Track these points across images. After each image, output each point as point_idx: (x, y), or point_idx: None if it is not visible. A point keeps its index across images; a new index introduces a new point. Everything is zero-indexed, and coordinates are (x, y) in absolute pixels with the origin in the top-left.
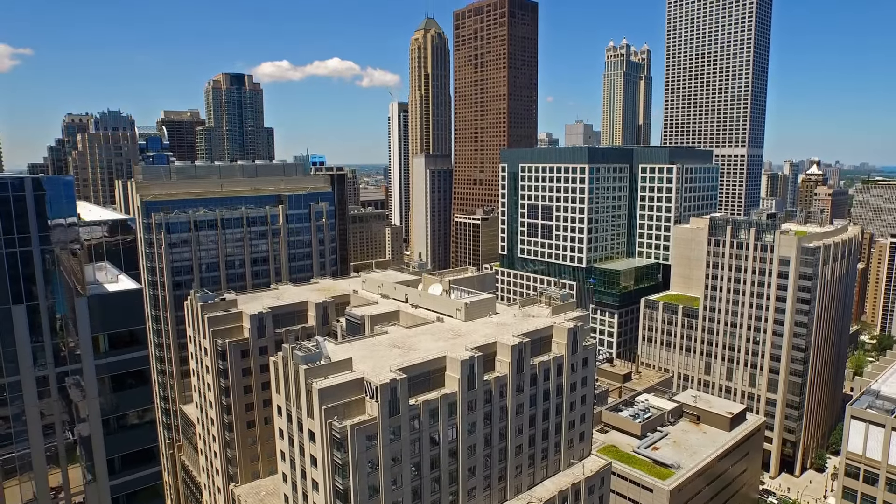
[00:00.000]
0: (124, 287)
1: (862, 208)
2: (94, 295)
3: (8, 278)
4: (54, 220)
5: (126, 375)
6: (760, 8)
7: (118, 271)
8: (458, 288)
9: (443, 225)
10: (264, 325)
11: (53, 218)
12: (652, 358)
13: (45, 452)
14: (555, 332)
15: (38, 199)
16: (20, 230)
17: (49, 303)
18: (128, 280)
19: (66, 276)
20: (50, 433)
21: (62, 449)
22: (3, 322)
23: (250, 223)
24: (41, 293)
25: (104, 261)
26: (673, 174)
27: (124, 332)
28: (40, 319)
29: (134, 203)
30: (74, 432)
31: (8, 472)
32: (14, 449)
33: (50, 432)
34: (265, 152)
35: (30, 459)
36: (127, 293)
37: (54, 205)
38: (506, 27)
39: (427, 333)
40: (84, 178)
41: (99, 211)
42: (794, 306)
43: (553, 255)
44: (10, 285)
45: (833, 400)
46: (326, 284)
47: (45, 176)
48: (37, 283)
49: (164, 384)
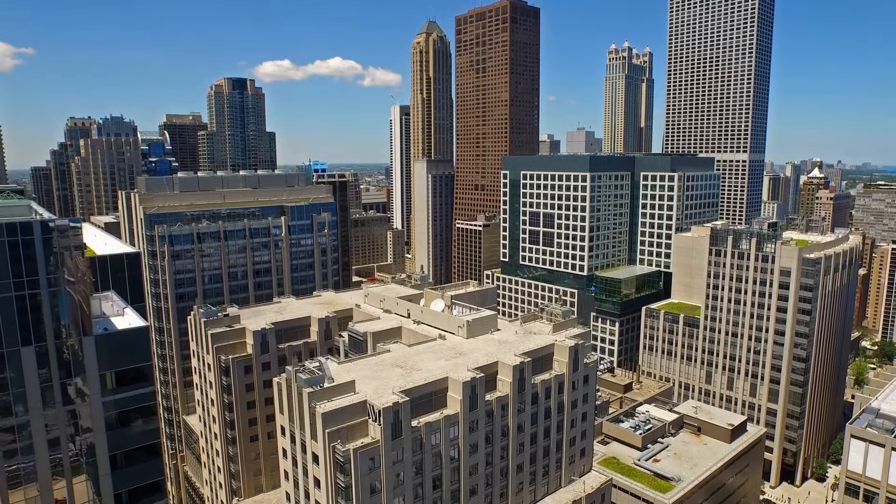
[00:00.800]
0: (131, 325)
1: (864, 212)
2: (101, 334)
3: (17, 321)
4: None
5: (132, 411)
6: (762, 13)
7: (124, 303)
8: (460, 304)
9: (444, 230)
10: (267, 341)
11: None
12: (653, 366)
13: (52, 485)
14: (556, 350)
15: (47, 241)
16: (29, 273)
17: (57, 344)
18: (134, 315)
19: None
20: (58, 469)
21: (69, 479)
22: (13, 364)
23: (253, 235)
24: (49, 335)
25: (110, 290)
26: (675, 182)
27: (131, 369)
28: (49, 360)
29: (137, 215)
30: (83, 467)
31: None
32: (23, 481)
33: (58, 469)
34: (267, 157)
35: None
36: (134, 331)
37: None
38: (507, 33)
39: (429, 352)
40: (87, 184)
41: (104, 237)
42: (794, 317)
43: (554, 262)
44: (20, 328)
45: (834, 408)
46: (329, 297)
47: (54, 219)
48: (45, 325)
49: (168, 395)
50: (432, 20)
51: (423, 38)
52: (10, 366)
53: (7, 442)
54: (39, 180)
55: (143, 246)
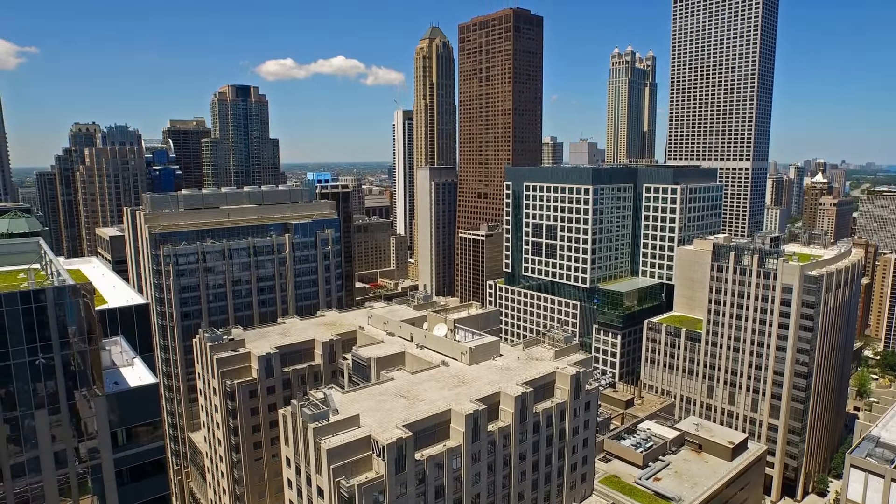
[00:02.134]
0: (141, 378)
1: (867, 219)
2: (112, 393)
3: (31, 385)
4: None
5: (143, 465)
6: (766, 21)
7: (133, 352)
8: (463, 328)
9: (447, 237)
10: (272, 366)
11: (72, 325)
12: (654, 380)
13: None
14: (558, 378)
15: (59, 306)
16: (42, 339)
17: (70, 405)
18: (143, 367)
19: (85, 378)
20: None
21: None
22: (27, 427)
23: (257, 252)
24: (63, 397)
25: (119, 335)
26: (677, 195)
27: (142, 426)
28: (63, 422)
29: (142, 234)
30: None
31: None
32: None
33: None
34: (270, 164)
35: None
36: (144, 389)
37: (74, 312)
38: (511, 41)
39: (432, 380)
40: (91, 193)
41: (112, 278)
42: (796, 334)
43: (557, 274)
44: (34, 392)
45: (836, 421)
46: (333, 318)
47: (66, 285)
48: (59, 388)
49: (173, 412)
50: (435, 26)
51: (427, 44)
52: (24, 429)
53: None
54: (44, 185)
55: (148, 265)
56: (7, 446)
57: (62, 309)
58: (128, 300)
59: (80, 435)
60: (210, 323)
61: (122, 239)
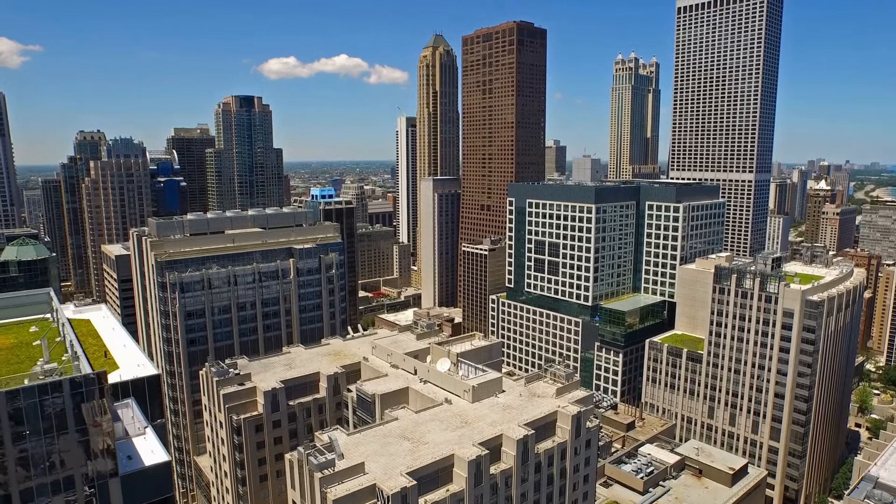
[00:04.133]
0: (155, 460)
1: (870, 229)
2: (126, 474)
3: (48, 472)
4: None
5: None
6: (769, 33)
7: (144, 420)
8: (465, 362)
9: (450, 248)
10: (278, 401)
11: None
12: (656, 399)
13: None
14: (559, 418)
15: (76, 395)
16: (59, 428)
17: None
18: (154, 439)
19: (100, 462)
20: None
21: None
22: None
23: (262, 278)
24: (79, 482)
25: (130, 397)
26: (680, 213)
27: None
28: None
29: (148, 260)
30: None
31: None
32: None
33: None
34: (274, 173)
35: None
36: (157, 468)
37: (89, 399)
38: (514, 54)
39: (435, 420)
40: (97, 205)
41: (122, 335)
42: (797, 357)
43: (559, 291)
44: (50, 479)
45: (837, 440)
46: (337, 347)
47: (80, 376)
48: (75, 473)
49: (179, 436)
50: (439, 34)
51: (430, 52)
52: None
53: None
54: (49, 192)
55: (154, 291)
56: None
57: (79, 397)
58: (139, 366)
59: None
60: (216, 349)
61: (127, 258)
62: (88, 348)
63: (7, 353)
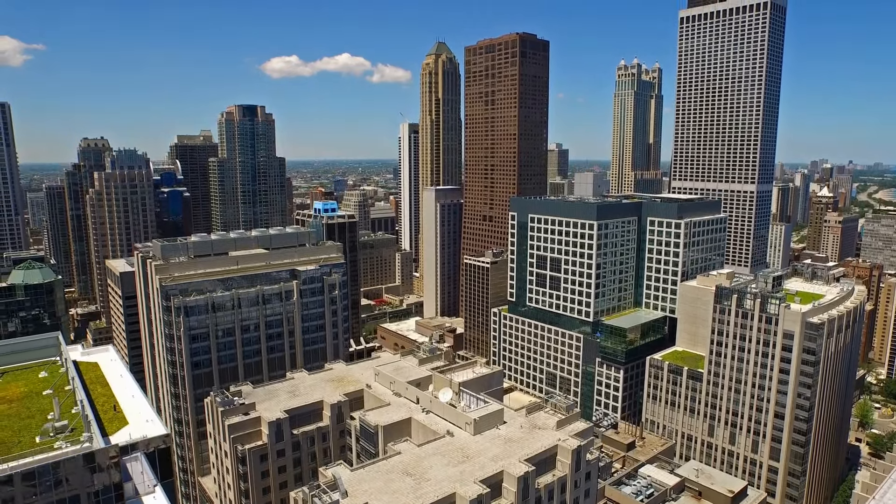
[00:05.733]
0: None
1: (872, 237)
2: None
3: None
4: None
5: None
6: (772, 45)
7: (154, 476)
8: (467, 392)
9: (453, 257)
10: (282, 430)
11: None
12: (657, 415)
13: None
14: (559, 452)
15: (91, 469)
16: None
17: None
18: (164, 500)
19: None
20: None
21: None
22: None
23: (265, 300)
24: None
25: (139, 450)
26: (681, 229)
27: None
28: None
29: (153, 284)
30: None
31: None
32: None
33: None
34: (277, 182)
35: None
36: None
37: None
38: (517, 66)
39: (437, 454)
40: (101, 216)
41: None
42: (797, 379)
43: (561, 306)
44: None
45: (837, 458)
46: (340, 372)
47: (96, 449)
48: None
49: (184, 457)
50: (442, 41)
51: (433, 60)
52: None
53: None
54: (53, 198)
55: (159, 314)
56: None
57: (92, 472)
58: (148, 421)
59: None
60: (220, 371)
61: (132, 275)
62: (97, 398)
63: (18, 405)
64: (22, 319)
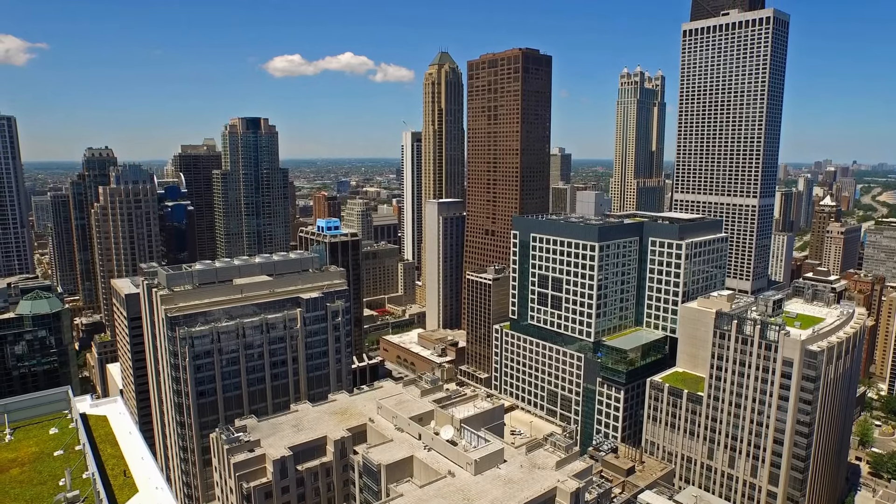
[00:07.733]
0: None
1: (874, 249)
2: None
3: None
4: None
5: None
6: (775, 58)
7: None
8: (468, 429)
9: (455, 270)
10: (286, 468)
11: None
12: (657, 437)
13: None
14: (558, 494)
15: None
16: None
17: None
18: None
19: None
20: None
21: None
22: None
23: (269, 328)
24: None
25: None
26: (682, 250)
27: None
28: None
29: (158, 314)
30: None
31: None
32: None
33: None
34: (280, 194)
35: None
36: None
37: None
38: (520, 82)
39: (439, 497)
40: (105, 231)
41: (138, 443)
42: (796, 405)
43: (562, 325)
44: None
45: (836, 479)
46: (343, 404)
47: None
48: None
49: (189, 483)
50: (444, 51)
51: (436, 70)
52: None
53: None
54: (59, 207)
55: (164, 344)
56: None
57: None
58: (157, 489)
59: None
60: (224, 399)
61: (136, 298)
62: (107, 460)
63: (30, 469)
64: (30, 346)
